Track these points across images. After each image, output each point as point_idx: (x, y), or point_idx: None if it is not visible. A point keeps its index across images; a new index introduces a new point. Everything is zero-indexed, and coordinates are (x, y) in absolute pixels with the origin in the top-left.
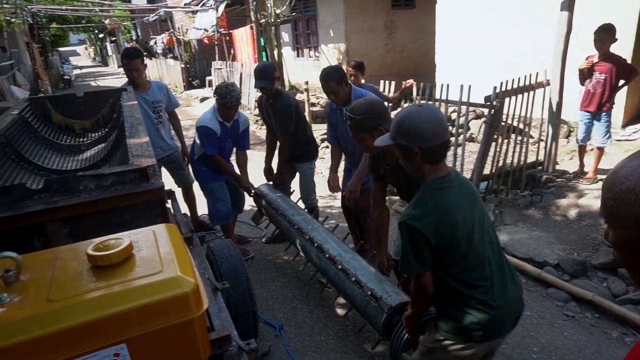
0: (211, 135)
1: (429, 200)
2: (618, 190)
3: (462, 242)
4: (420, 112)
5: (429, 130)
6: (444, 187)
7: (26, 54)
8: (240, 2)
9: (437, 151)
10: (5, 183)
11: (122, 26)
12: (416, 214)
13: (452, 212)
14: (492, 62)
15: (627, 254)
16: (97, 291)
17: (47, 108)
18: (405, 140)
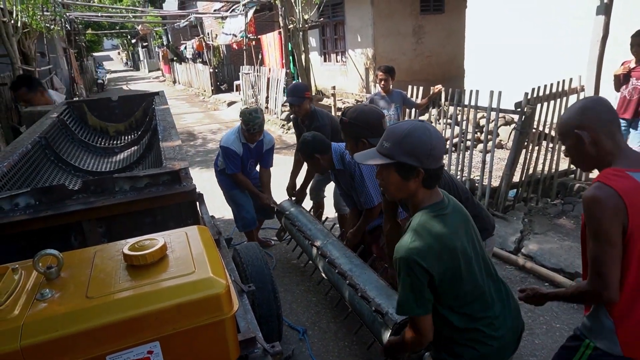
0: (233, 156)
1: (428, 232)
2: (563, 120)
3: (463, 273)
4: (425, 127)
5: (437, 148)
6: (441, 214)
7: (63, 59)
8: (269, 8)
9: (439, 174)
10: (45, 183)
11: (153, 32)
12: (417, 248)
13: (452, 243)
14: (523, 68)
15: (572, 155)
16: (132, 290)
17: (83, 111)
18: (412, 159)
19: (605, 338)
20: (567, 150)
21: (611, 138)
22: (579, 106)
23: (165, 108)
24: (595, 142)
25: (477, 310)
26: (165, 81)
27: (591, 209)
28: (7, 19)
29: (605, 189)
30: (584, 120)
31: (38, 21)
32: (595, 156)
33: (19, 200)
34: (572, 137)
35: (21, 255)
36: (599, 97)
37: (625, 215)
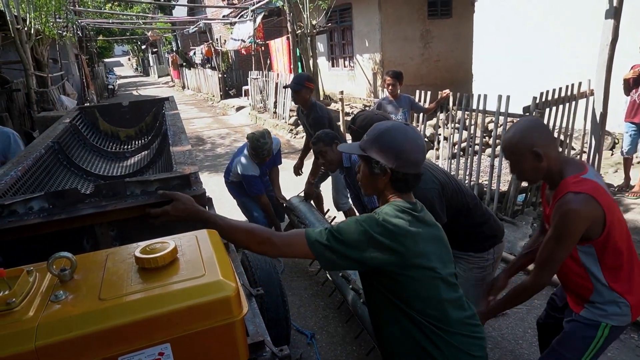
0: (254, 180)
1: (404, 216)
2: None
3: (425, 279)
4: (406, 130)
5: (411, 153)
6: (410, 212)
7: (75, 65)
8: (277, 14)
9: (410, 181)
10: (57, 187)
11: (163, 38)
12: (396, 221)
13: (420, 241)
14: (532, 72)
15: (526, 171)
16: (144, 292)
17: (95, 116)
18: (380, 156)
19: (620, 314)
20: (522, 168)
21: (554, 149)
22: (526, 127)
23: (175, 113)
24: (547, 156)
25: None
26: (174, 86)
27: (567, 220)
28: (21, 27)
29: (580, 196)
30: (536, 139)
31: (51, 28)
32: (547, 168)
33: (33, 204)
34: (530, 155)
35: (35, 257)
36: (534, 117)
37: (602, 213)
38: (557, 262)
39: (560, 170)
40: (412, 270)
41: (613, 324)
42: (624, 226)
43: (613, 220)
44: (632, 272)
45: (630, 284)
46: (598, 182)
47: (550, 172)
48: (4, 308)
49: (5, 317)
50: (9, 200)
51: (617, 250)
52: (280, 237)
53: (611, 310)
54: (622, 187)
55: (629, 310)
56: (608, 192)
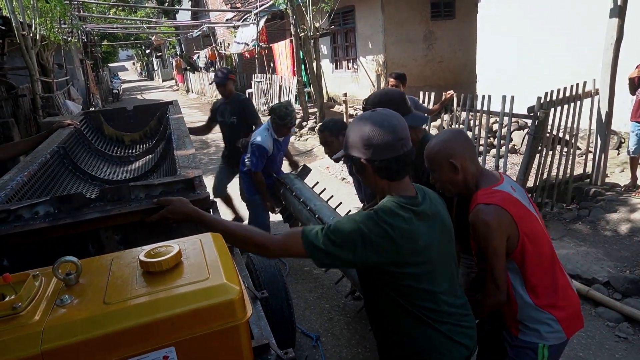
0: (264, 155)
1: (403, 213)
2: (433, 151)
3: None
4: (370, 117)
5: (376, 138)
6: (410, 208)
7: (80, 70)
8: (280, 17)
9: (392, 167)
10: (62, 191)
11: (167, 42)
12: (393, 221)
13: (417, 241)
14: (536, 72)
15: (443, 182)
16: (149, 296)
17: (100, 121)
18: (354, 152)
19: (552, 332)
20: (439, 178)
21: (473, 163)
22: (444, 139)
23: (179, 117)
24: (463, 169)
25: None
26: (178, 90)
27: (480, 231)
28: (27, 32)
29: (489, 207)
30: (454, 150)
31: (56, 34)
32: (463, 180)
33: (39, 209)
34: (446, 166)
35: (41, 262)
36: (458, 129)
37: (513, 221)
38: (497, 274)
39: (476, 184)
40: (409, 267)
41: (549, 343)
42: (544, 237)
43: (527, 232)
44: (556, 286)
45: (556, 299)
46: (511, 194)
47: (467, 185)
48: (10, 312)
49: (12, 321)
50: (15, 205)
51: (536, 264)
52: (275, 242)
53: (543, 330)
54: (628, 186)
55: (559, 326)
56: (524, 204)
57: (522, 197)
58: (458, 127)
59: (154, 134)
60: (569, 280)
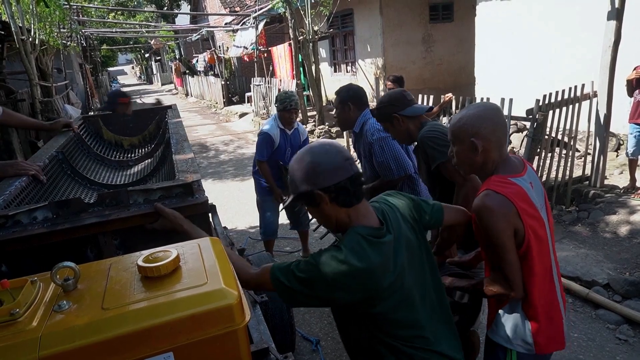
0: (268, 143)
1: (368, 248)
2: (459, 124)
3: (398, 307)
4: (308, 149)
5: (330, 165)
6: (374, 240)
7: (79, 74)
8: (279, 20)
9: (349, 189)
10: (61, 196)
11: (166, 46)
12: (357, 262)
13: (382, 276)
14: (534, 75)
15: (460, 158)
16: (147, 301)
17: (99, 125)
18: (305, 185)
19: (525, 343)
20: (456, 153)
21: (499, 149)
22: (477, 114)
23: (178, 121)
24: (485, 151)
25: (411, 339)
26: (177, 94)
27: (484, 218)
28: (26, 37)
29: (495, 196)
30: (481, 130)
31: (55, 38)
32: (481, 164)
33: (37, 214)
34: (467, 144)
35: (39, 267)
36: (494, 105)
37: (518, 217)
38: (505, 267)
39: (492, 170)
40: (382, 302)
41: (516, 350)
42: (546, 247)
43: (531, 234)
44: (547, 301)
45: (540, 313)
46: (527, 191)
47: (484, 170)
48: (8, 318)
49: (9, 327)
50: (13, 210)
51: (531, 270)
52: (250, 277)
53: (512, 336)
54: (627, 188)
55: (531, 340)
56: (537, 206)
57: (538, 198)
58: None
59: (153, 138)
60: (560, 303)
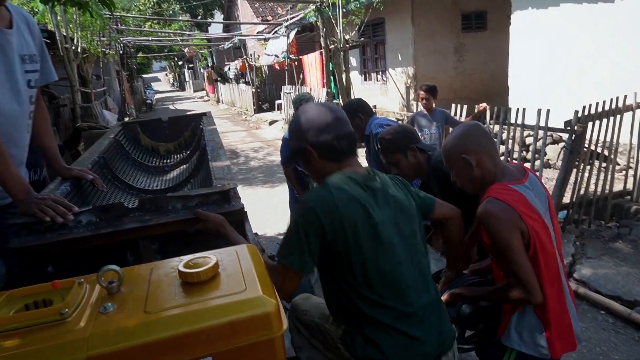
0: (286, 145)
1: (341, 188)
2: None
3: (376, 251)
4: (305, 108)
5: (318, 121)
6: (359, 181)
7: (116, 80)
8: (310, 29)
9: (337, 146)
10: (103, 201)
11: (199, 54)
12: (324, 199)
13: (366, 212)
14: (572, 85)
15: (461, 179)
16: (187, 306)
17: (137, 131)
18: (297, 141)
19: (540, 346)
20: (456, 176)
21: (491, 159)
22: (460, 133)
23: (213, 129)
24: (479, 164)
25: (388, 299)
26: (209, 101)
27: (489, 223)
28: (69, 45)
29: (496, 202)
30: (467, 145)
31: (95, 46)
32: (481, 177)
33: (82, 218)
34: (460, 162)
35: (82, 269)
36: (473, 123)
37: (522, 221)
38: (519, 272)
39: (493, 180)
40: (358, 246)
41: (525, 352)
42: (551, 253)
43: (535, 237)
44: (558, 310)
45: (551, 321)
46: (528, 198)
47: (485, 183)
48: (58, 318)
49: (59, 327)
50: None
51: (539, 274)
52: (274, 277)
53: (527, 338)
54: None
55: (546, 343)
56: (539, 213)
57: (541, 204)
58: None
59: (188, 145)
60: (569, 305)
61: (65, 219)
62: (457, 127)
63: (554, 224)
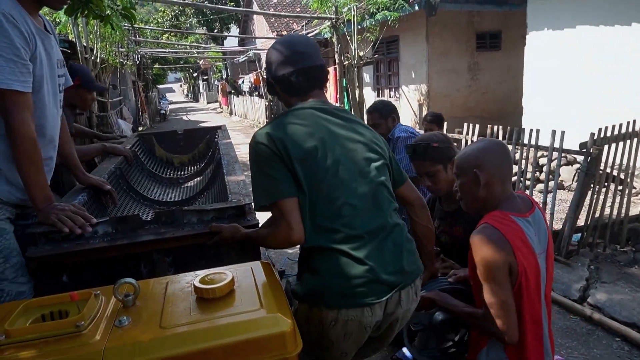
0: None
1: (282, 122)
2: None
3: (320, 174)
4: (278, 41)
5: (278, 56)
6: (305, 108)
7: (132, 90)
8: (324, 45)
9: (294, 82)
10: (118, 212)
11: (214, 66)
12: (267, 133)
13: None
14: (588, 106)
15: (464, 192)
16: (202, 322)
17: (152, 143)
18: (267, 74)
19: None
20: (460, 186)
21: (502, 183)
22: (482, 146)
23: (228, 142)
24: (488, 185)
25: (335, 223)
26: (222, 112)
27: (479, 250)
28: (89, 56)
29: (492, 230)
30: (485, 162)
31: (114, 57)
32: (484, 199)
33: (98, 228)
34: (470, 176)
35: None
36: (499, 141)
37: (513, 256)
38: (498, 307)
39: (495, 206)
40: (310, 170)
41: None
42: (535, 290)
43: (523, 275)
44: (529, 347)
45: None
46: (527, 234)
47: (486, 207)
48: (74, 330)
49: (75, 339)
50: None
51: (519, 313)
52: (267, 230)
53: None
54: None
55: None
56: (533, 248)
57: (541, 243)
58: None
59: (202, 157)
60: (547, 353)
61: (83, 230)
62: (482, 139)
63: (549, 266)
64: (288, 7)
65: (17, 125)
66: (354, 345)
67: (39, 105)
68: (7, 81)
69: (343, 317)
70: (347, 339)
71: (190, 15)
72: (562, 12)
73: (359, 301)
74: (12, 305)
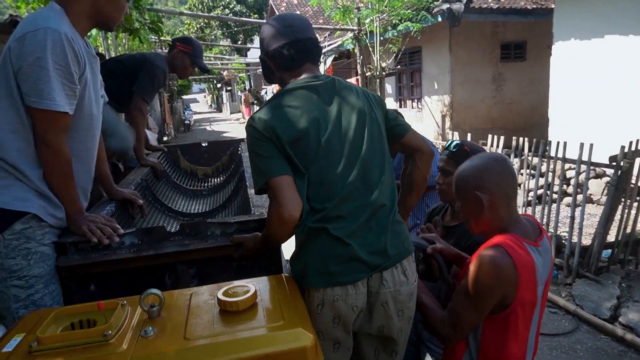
0: None
1: (278, 105)
2: (463, 175)
3: (312, 149)
4: (270, 19)
5: (269, 31)
6: (301, 86)
7: (157, 101)
8: (347, 56)
9: (285, 53)
10: (144, 223)
11: (237, 77)
12: (261, 118)
13: (302, 115)
14: (613, 118)
15: (466, 214)
16: (226, 335)
17: (177, 155)
18: (260, 54)
19: None
20: (462, 209)
21: (507, 205)
22: (481, 164)
23: None
24: (492, 207)
25: (322, 203)
26: (244, 123)
27: (481, 270)
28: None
29: (505, 258)
30: (485, 182)
31: None
32: (489, 222)
33: (125, 239)
34: (471, 198)
35: (122, 289)
36: (500, 155)
37: (515, 288)
38: (464, 322)
39: (501, 228)
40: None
41: None
42: (526, 320)
43: (518, 306)
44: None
45: None
46: (535, 262)
47: (490, 229)
48: (101, 339)
49: (102, 348)
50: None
51: (505, 335)
52: (269, 213)
53: None
54: None
55: None
56: (537, 282)
57: (544, 272)
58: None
59: (225, 169)
60: None
61: (111, 240)
62: (480, 155)
63: (544, 294)
64: (311, 18)
65: (53, 142)
66: (344, 331)
67: (81, 125)
68: (62, 103)
69: (329, 297)
70: (336, 324)
71: (215, 27)
72: (589, 21)
73: (339, 279)
74: (44, 313)
